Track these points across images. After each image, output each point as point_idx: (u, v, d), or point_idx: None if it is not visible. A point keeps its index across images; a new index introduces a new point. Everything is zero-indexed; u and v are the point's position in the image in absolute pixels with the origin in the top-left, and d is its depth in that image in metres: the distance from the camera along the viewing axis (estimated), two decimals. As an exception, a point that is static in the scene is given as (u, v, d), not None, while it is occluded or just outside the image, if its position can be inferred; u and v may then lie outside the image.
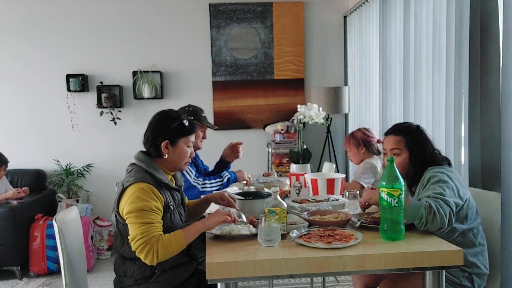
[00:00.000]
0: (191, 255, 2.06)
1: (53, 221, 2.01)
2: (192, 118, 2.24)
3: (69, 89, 4.67)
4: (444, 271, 1.68)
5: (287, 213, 1.93)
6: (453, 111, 2.66)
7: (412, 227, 1.95)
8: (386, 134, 2.26)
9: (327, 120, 4.47)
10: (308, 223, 1.98)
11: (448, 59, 2.71)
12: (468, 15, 2.46)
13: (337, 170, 4.56)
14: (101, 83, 4.74)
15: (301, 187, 2.58)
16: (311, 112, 3.20)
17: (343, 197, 2.39)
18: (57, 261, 3.97)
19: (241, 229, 1.90)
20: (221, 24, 4.83)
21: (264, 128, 4.90)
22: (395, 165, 1.81)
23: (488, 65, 2.33)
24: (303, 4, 4.89)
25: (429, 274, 1.68)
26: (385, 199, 1.77)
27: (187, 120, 2.07)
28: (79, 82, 4.65)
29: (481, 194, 2.18)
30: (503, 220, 2.12)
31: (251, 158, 4.80)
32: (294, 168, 3.25)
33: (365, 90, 4.38)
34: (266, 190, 2.64)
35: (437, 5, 2.84)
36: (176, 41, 4.83)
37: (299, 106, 3.26)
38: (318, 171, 4.44)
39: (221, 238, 1.89)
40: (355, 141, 3.19)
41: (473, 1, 2.43)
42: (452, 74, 2.66)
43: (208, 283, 1.62)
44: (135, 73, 4.74)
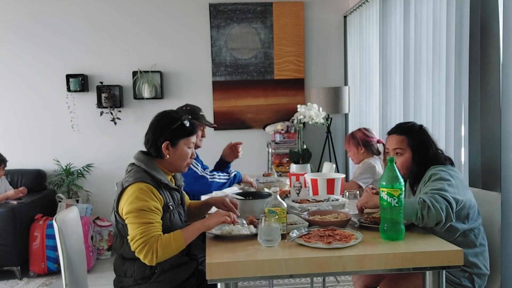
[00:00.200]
0: (191, 255, 2.06)
1: (53, 221, 2.01)
2: (190, 117, 2.23)
3: (69, 89, 4.67)
4: (444, 271, 1.68)
5: (287, 213, 1.93)
6: (453, 111, 2.66)
7: (412, 227, 1.95)
8: (389, 133, 2.24)
9: (327, 120, 4.47)
10: (308, 223, 1.98)
11: (448, 59, 2.71)
12: (468, 15, 2.46)
13: (337, 170, 4.56)
14: (101, 83, 4.74)
15: (301, 187, 2.58)
16: (311, 112, 3.20)
17: (343, 197, 2.39)
18: (57, 261, 3.97)
19: (241, 229, 1.90)
20: (221, 24, 4.83)
21: (264, 128, 4.90)
22: (395, 165, 1.81)
23: (488, 65, 2.33)
24: (303, 4, 4.89)
25: (429, 274, 1.68)
26: (385, 199, 1.77)
27: (188, 121, 2.07)
28: (79, 82, 4.65)
29: (481, 194, 2.18)
30: (503, 220, 2.11)
31: (251, 158, 4.80)
32: (294, 168, 3.25)
33: (365, 90, 4.38)
34: (266, 190, 2.64)
35: (437, 5, 2.84)
36: (176, 41, 4.83)
37: (299, 106, 3.26)
38: (318, 171, 4.44)
39: (221, 238, 1.89)
40: (354, 141, 3.20)
41: (473, 1, 2.42)
42: (452, 74, 2.66)
43: (208, 283, 1.61)
44: (135, 73, 4.74)
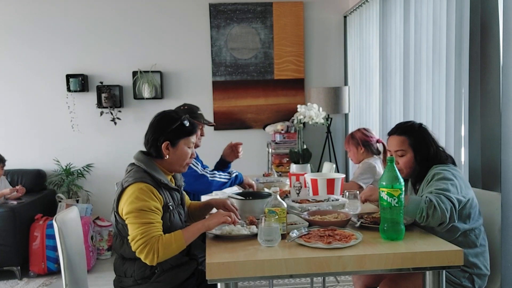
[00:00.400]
0: (191, 255, 2.05)
1: (53, 221, 2.01)
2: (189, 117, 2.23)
3: (69, 89, 4.67)
4: (444, 271, 1.68)
5: (287, 213, 1.93)
6: (453, 111, 2.66)
7: (412, 227, 1.95)
8: (389, 134, 2.24)
9: (327, 120, 4.47)
10: (308, 223, 1.98)
11: (448, 59, 2.71)
12: (468, 15, 2.46)
13: (337, 170, 4.56)
14: (101, 83, 4.74)
15: (301, 187, 2.58)
16: (311, 112, 3.20)
17: (343, 197, 2.39)
18: (57, 261, 3.97)
19: (241, 229, 1.90)
20: (221, 24, 4.83)
21: (264, 128, 4.90)
22: (395, 166, 1.81)
23: (488, 65, 2.33)
24: (303, 4, 4.89)
25: (429, 274, 1.68)
26: (385, 199, 1.77)
27: (187, 120, 2.07)
28: (79, 82, 4.65)
29: (481, 194, 2.18)
30: (503, 220, 2.11)
31: (251, 158, 4.80)
32: (294, 168, 3.25)
33: (365, 90, 4.38)
34: (266, 190, 2.64)
35: (437, 5, 2.84)
36: (176, 41, 4.83)
37: (299, 106, 3.26)
38: (318, 171, 4.44)
39: (221, 238, 1.89)
40: (354, 141, 3.19)
41: (473, 1, 2.43)
42: (452, 74, 2.66)
43: (208, 283, 1.62)
44: (135, 73, 4.74)
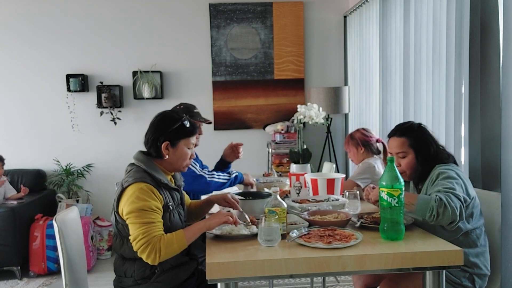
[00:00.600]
0: (191, 255, 2.05)
1: (53, 221, 2.01)
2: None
3: (69, 89, 4.67)
4: (444, 271, 1.68)
5: (287, 213, 1.93)
6: (453, 111, 2.66)
7: (412, 227, 1.95)
8: (389, 136, 2.24)
9: (327, 120, 4.47)
10: (308, 223, 1.99)
11: (448, 59, 2.71)
12: (468, 15, 2.46)
13: (337, 170, 4.56)
14: (101, 83, 4.74)
15: (301, 187, 2.58)
16: (311, 112, 3.19)
17: (343, 197, 2.39)
18: (57, 261, 3.97)
19: (241, 229, 1.90)
20: (221, 24, 4.83)
21: (264, 128, 4.90)
22: (397, 167, 1.81)
23: (488, 65, 2.33)
24: (303, 4, 4.89)
25: (429, 274, 1.68)
26: (385, 199, 1.77)
27: (188, 121, 2.07)
28: (79, 82, 4.65)
29: (481, 194, 2.18)
30: (503, 220, 2.12)
31: (251, 158, 4.79)
32: (294, 168, 3.24)
33: (365, 90, 4.38)
34: (266, 190, 2.64)
35: (437, 5, 2.84)
36: (176, 41, 4.83)
37: (299, 106, 3.25)
38: (318, 171, 4.44)
39: (221, 238, 1.89)
40: (354, 141, 3.17)
41: (473, 1, 2.43)
42: (452, 74, 2.66)
43: (208, 283, 1.62)
44: (135, 73, 4.74)
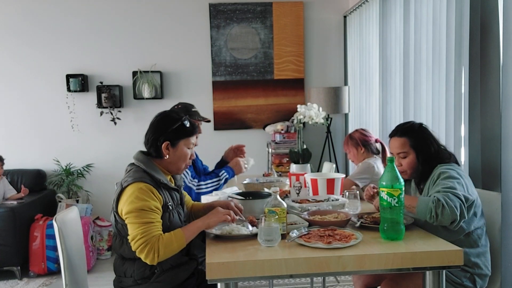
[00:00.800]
0: (191, 255, 2.05)
1: (53, 221, 2.01)
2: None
3: (69, 89, 4.67)
4: (444, 271, 1.68)
5: (287, 213, 1.93)
6: (453, 111, 2.66)
7: (412, 227, 1.95)
8: (390, 136, 2.24)
9: (327, 120, 4.47)
10: (308, 223, 1.99)
11: (448, 59, 2.71)
12: (468, 15, 2.46)
13: (337, 170, 4.56)
14: (101, 83, 4.74)
15: (301, 187, 2.58)
16: (311, 112, 3.20)
17: (343, 197, 2.39)
18: (57, 261, 3.97)
19: (241, 229, 1.90)
20: (221, 24, 4.83)
21: (264, 128, 4.90)
22: (398, 167, 1.81)
23: (488, 65, 2.33)
24: (303, 4, 4.89)
25: (429, 274, 1.68)
26: (385, 199, 1.77)
27: (188, 121, 2.07)
28: (79, 82, 4.65)
29: (481, 194, 2.17)
30: (503, 220, 2.11)
31: (251, 158, 4.79)
32: (294, 168, 3.25)
33: (365, 90, 4.38)
34: (266, 190, 2.64)
35: (437, 5, 2.84)
36: (176, 41, 4.83)
37: (299, 106, 3.25)
38: (318, 171, 4.44)
39: (221, 238, 1.89)
40: (353, 142, 3.16)
41: (473, 1, 2.43)
42: (452, 74, 2.66)
43: (208, 283, 1.62)
44: (135, 73, 4.74)
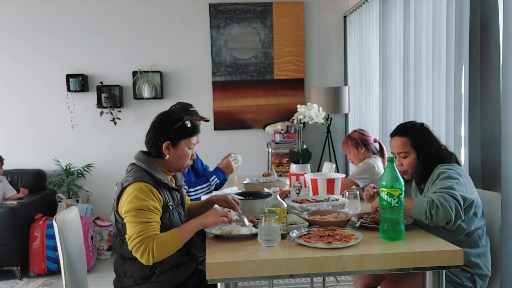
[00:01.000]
0: (191, 255, 2.05)
1: (53, 221, 2.01)
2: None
3: (69, 89, 4.67)
4: (444, 271, 1.68)
5: (287, 213, 1.93)
6: (453, 111, 2.66)
7: (412, 227, 1.95)
8: (391, 135, 2.24)
9: (327, 120, 4.47)
10: (308, 223, 1.99)
11: (448, 59, 2.71)
12: (468, 15, 2.46)
13: (337, 170, 4.56)
14: (101, 83, 4.74)
15: (301, 187, 2.58)
16: (311, 112, 3.20)
17: (343, 197, 2.39)
18: (57, 261, 3.97)
19: (241, 229, 1.90)
20: (221, 24, 4.83)
21: (264, 128, 4.90)
22: (399, 167, 1.81)
23: (488, 65, 2.33)
24: (303, 4, 4.89)
25: (429, 274, 1.68)
26: (385, 199, 1.77)
27: (189, 121, 2.07)
28: (79, 82, 4.65)
29: (481, 194, 2.17)
30: (503, 220, 2.11)
31: (251, 158, 4.80)
32: (294, 168, 3.25)
33: (365, 90, 4.38)
34: (266, 190, 2.64)
35: (437, 5, 2.84)
36: (176, 41, 4.83)
37: (299, 106, 3.26)
38: (318, 171, 4.44)
39: (221, 238, 1.89)
40: (353, 142, 3.14)
41: (473, 1, 2.43)
42: (452, 74, 2.66)
43: (208, 283, 1.62)
44: (135, 73, 4.74)
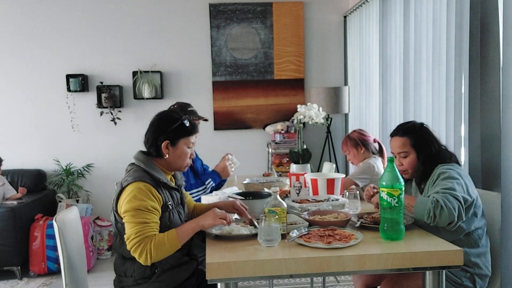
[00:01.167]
0: (191, 255, 2.05)
1: (53, 221, 2.01)
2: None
3: (69, 89, 4.67)
4: (444, 271, 1.68)
5: (287, 213, 1.93)
6: (453, 111, 2.66)
7: (412, 227, 1.95)
8: (391, 135, 2.24)
9: (327, 120, 4.47)
10: (308, 223, 1.99)
11: (448, 59, 2.70)
12: (468, 15, 2.46)
13: (337, 170, 4.56)
14: (101, 83, 4.74)
15: (301, 187, 2.58)
16: (311, 112, 3.20)
17: (343, 197, 2.39)
18: (57, 261, 3.97)
19: (241, 229, 1.90)
20: (221, 24, 4.83)
21: (264, 128, 4.90)
22: (399, 167, 1.81)
23: (488, 65, 2.33)
24: (303, 4, 4.89)
25: (429, 274, 1.68)
26: (385, 199, 1.77)
27: (188, 120, 2.07)
28: (79, 82, 4.65)
29: (481, 194, 2.17)
30: (503, 220, 2.11)
31: (251, 158, 4.80)
32: (294, 168, 3.25)
33: (365, 90, 4.38)
34: (266, 190, 2.64)
35: (437, 5, 2.84)
36: (176, 41, 4.82)
37: (299, 106, 3.26)
38: (318, 171, 4.44)
39: (221, 238, 1.89)
40: (352, 142, 3.14)
41: (473, 1, 2.43)
42: (452, 74, 2.66)
43: (208, 283, 1.62)
44: (135, 73, 4.74)
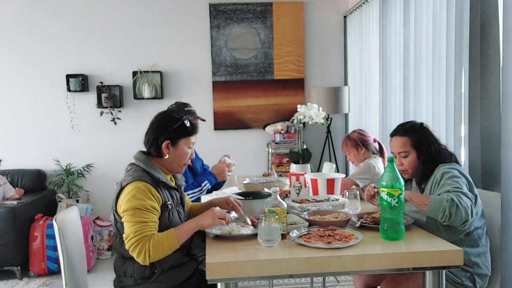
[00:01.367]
0: (191, 255, 2.05)
1: (53, 221, 2.01)
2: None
3: (69, 89, 4.67)
4: (444, 271, 1.68)
5: (287, 213, 1.93)
6: (453, 111, 2.66)
7: (412, 227, 1.95)
8: (391, 135, 2.25)
9: (327, 120, 4.47)
10: (308, 223, 1.99)
11: (448, 59, 2.71)
12: (468, 15, 2.46)
13: (337, 170, 4.56)
14: (101, 83, 4.74)
15: (301, 187, 2.58)
16: (311, 112, 3.20)
17: (343, 197, 2.39)
18: (57, 261, 3.97)
19: (241, 229, 1.90)
20: (221, 24, 4.83)
21: (264, 128, 4.90)
22: (399, 166, 1.81)
23: (488, 65, 2.33)
24: (303, 4, 4.89)
25: (429, 274, 1.68)
26: (385, 199, 1.77)
27: (188, 121, 2.08)
28: (79, 82, 4.65)
29: (481, 194, 2.18)
30: (503, 220, 2.11)
31: (251, 158, 4.80)
32: (294, 168, 3.25)
33: (365, 90, 4.38)
34: (266, 190, 2.64)
35: (437, 5, 2.84)
36: (176, 41, 4.82)
37: (299, 106, 3.26)
38: (318, 171, 4.45)
39: (221, 238, 1.89)
40: (352, 142, 3.13)
41: (473, 1, 2.43)
42: (452, 74, 2.66)
43: (208, 283, 1.62)
44: (135, 73, 4.74)
